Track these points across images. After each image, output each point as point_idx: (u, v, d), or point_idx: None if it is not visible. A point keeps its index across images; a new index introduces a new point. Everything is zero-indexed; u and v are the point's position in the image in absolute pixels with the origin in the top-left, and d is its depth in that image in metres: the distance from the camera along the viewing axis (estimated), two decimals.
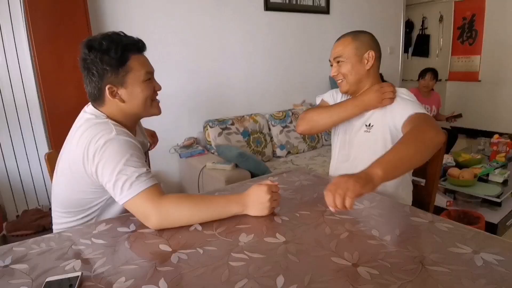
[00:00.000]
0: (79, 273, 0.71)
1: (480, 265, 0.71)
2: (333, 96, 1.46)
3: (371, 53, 1.25)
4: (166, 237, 0.87)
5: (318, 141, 3.20)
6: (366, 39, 1.27)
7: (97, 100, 1.04)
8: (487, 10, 4.72)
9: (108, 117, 1.03)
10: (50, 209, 2.20)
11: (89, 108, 1.07)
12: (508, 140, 2.52)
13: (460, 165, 2.35)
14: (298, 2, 3.37)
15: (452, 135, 3.68)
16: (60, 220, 1.11)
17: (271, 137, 2.95)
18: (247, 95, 3.10)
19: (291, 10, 3.32)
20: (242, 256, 0.77)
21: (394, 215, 1.00)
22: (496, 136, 2.57)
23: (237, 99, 3.04)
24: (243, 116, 2.85)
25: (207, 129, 2.64)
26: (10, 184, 2.08)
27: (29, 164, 2.13)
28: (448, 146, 3.48)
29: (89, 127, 0.98)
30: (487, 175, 2.22)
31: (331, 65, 1.32)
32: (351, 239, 0.84)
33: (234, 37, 2.98)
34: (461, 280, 0.66)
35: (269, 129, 2.96)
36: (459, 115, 3.44)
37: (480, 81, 4.92)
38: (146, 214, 0.90)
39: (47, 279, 0.70)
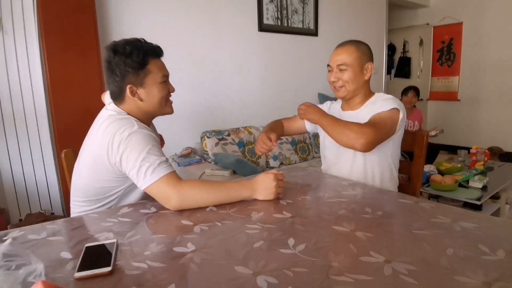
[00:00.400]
0: (114, 240, 0.81)
1: (459, 229, 0.84)
2: None
3: (371, 65, 1.36)
4: (186, 215, 0.98)
5: (309, 153, 3.35)
6: (366, 50, 1.37)
7: (118, 98, 1.16)
8: (463, 35, 5.09)
9: (128, 113, 1.15)
10: (52, 213, 2.26)
11: (111, 106, 1.18)
12: (486, 150, 2.73)
13: (442, 173, 2.52)
14: (289, 25, 3.61)
15: (434, 150, 3.90)
16: (78, 210, 1.20)
17: None
18: (242, 109, 3.25)
19: (283, 31, 3.56)
20: (256, 226, 0.89)
21: (384, 198, 1.13)
22: (474, 146, 2.77)
23: (233, 112, 3.19)
24: (238, 128, 2.99)
25: (205, 140, 2.76)
26: (15, 188, 2.13)
27: (34, 170, 2.19)
28: (430, 160, 3.68)
29: (113, 122, 1.09)
30: (468, 182, 2.40)
31: (330, 70, 1.39)
32: (349, 214, 0.96)
33: (231, 54, 3.17)
34: (443, 240, 0.79)
35: None
36: (441, 131, 3.66)
37: (459, 100, 5.23)
38: (167, 196, 1.01)
39: (86, 245, 0.80)
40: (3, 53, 2.07)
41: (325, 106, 1.60)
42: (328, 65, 1.41)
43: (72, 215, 1.22)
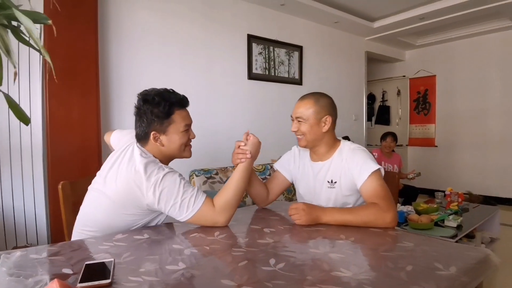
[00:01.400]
0: (112, 259, 0.89)
1: (420, 252, 0.96)
2: (289, 162, 1.62)
3: (329, 118, 1.41)
4: (178, 242, 1.07)
5: (294, 193, 3.45)
6: (325, 104, 1.42)
7: (142, 140, 1.27)
8: (437, 86, 5.52)
9: (153, 155, 1.25)
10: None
11: (138, 146, 1.26)
12: (460, 192, 2.90)
13: (419, 213, 2.64)
14: (276, 74, 3.90)
15: (414, 192, 4.07)
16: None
17: None
18: (230, 149, 3.36)
19: (270, 80, 3.84)
20: (241, 249, 0.98)
21: (357, 227, 1.24)
22: (449, 188, 2.94)
23: (221, 152, 3.33)
24: (226, 167, 3.11)
25: (193, 178, 2.85)
26: (3, 221, 2.15)
27: (24, 204, 2.22)
28: (410, 202, 3.82)
29: (144, 165, 1.16)
30: (443, 221, 2.52)
31: (292, 120, 1.48)
32: (324, 240, 1.07)
33: (222, 99, 3.39)
34: (405, 259, 0.90)
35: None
36: (418, 174, 3.85)
37: (436, 146, 5.53)
38: (214, 219, 1.17)
39: (86, 263, 0.87)
40: (6, 89, 2.19)
41: (293, 153, 1.64)
42: (291, 116, 1.48)
43: None
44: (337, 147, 1.46)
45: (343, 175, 1.39)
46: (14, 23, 1.00)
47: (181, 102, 1.27)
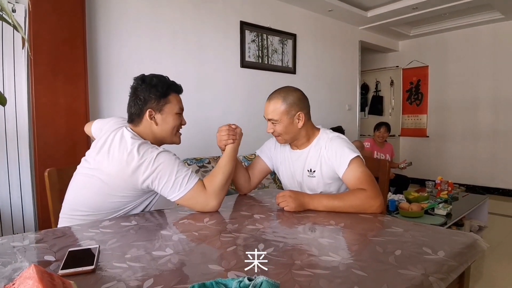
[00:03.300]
0: (97, 245, 0.87)
1: (409, 237, 0.95)
2: (270, 149, 1.60)
3: (301, 114, 1.37)
4: (166, 228, 1.06)
5: None
6: (295, 100, 1.37)
7: (136, 119, 1.27)
8: (430, 77, 5.53)
9: (144, 138, 1.24)
10: None
11: (128, 129, 1.24)
12: (449, 181, 2.93)
13: (410, 202, 2.66)
14: (269, 63, 3.86)
15: (405, 182, 4.10)
16: (78, 223, 1.21)
17: None
18: None
19: (263, 68, 3.79)
20: (230, 235, 0.97)
21: (347, 213, 1.23)
22: (439, 177, 2.97)
23: (213, 141, 3.28)
24: (219, 157, 3.08)
25: None
26: None
27: (10, 193, 2.18)
28: (402, 190, 3.86)
29: (137, 146, 1.16)
30: (433, 209, 2.55)
31: (266, 120, 1.43)
32: (314, 225, 1.07)
33: (214, 87, 3.35)
34: (393, 244, 0.89)
35: None
36: (410, 164, 3.88)
37: (428, 136, 5.56)
38: (205, 201, 1.18)
39: (70, 249, 0.85)
40: None
41: (274, 140, 1.58)
42: (264, 116, 1.44)
43: None
44: (316, 136, 1.45)
45: (323, 163, 1.38)
46: None
47: (177, 87, 1.33)
